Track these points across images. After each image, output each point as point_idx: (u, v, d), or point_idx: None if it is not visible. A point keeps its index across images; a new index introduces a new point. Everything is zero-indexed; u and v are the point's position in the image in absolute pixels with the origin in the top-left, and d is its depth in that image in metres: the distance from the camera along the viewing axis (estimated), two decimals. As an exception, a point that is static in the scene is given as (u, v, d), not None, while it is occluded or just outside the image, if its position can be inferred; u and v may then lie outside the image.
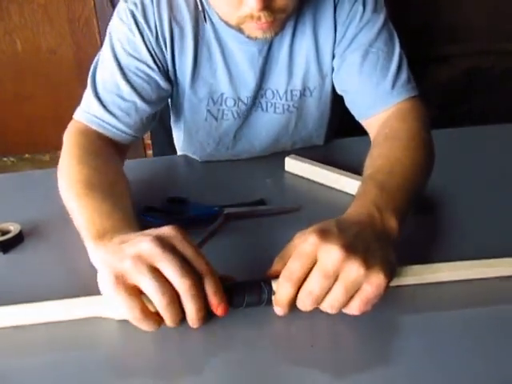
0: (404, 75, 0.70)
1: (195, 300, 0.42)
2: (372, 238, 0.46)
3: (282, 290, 0.44)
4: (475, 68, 1.77)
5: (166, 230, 0.44)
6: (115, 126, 0.67)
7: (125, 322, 0.45)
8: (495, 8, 1.70)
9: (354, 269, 0.42)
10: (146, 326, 0.43)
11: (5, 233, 0.61)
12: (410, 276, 0.49)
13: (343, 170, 0.71)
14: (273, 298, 0.46)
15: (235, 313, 0.46)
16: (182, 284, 0.41)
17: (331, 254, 0.42)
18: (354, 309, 0.44)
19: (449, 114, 1.46)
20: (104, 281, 0.42)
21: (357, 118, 0.73)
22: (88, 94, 0.68)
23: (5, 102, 2.08)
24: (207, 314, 0.44)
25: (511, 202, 0.66)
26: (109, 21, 0.71)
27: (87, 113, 0.67)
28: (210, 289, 0.43)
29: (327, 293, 0.43)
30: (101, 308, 0.46)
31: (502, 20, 1.72)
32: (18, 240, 0.61)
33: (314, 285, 0.43)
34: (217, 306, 0.43)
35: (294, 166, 0.75)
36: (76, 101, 0.69)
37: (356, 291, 0.43)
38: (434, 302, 0.49)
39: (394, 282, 0.48)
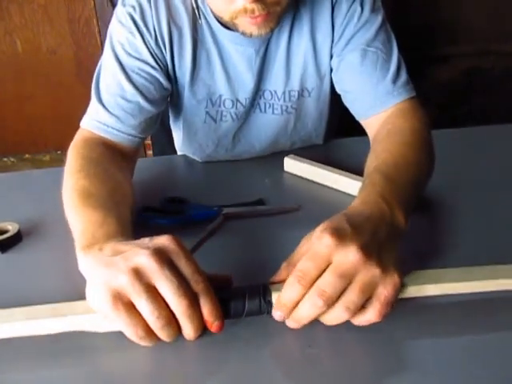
0: (403, 75, 0.70)
1: (191, 320, 0.41)
2: (385, 236, 0.45)
3: (290, 290, 0.42)
4: (475, 68, 1.77)
5: (163, 242, 0.42)
6: (119, 130, 0.67)
7: (115, 335, 0.44)
8: (495, 9, 1.70)
9: (370, 270, 0.41)
10: (145, 343, 0.42)
11: (3, 232, 0.61)
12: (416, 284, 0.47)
13: (343, 170, 0.71)
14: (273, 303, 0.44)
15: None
16: (178, 305, 0.40)
17: (348, 257, 0.41)
18: (372, 314, 0.42)
19: (449, 115, 1.47)
20: (100, 299, 0.41)
21: (356, 117, 0.73)
22: (92, 100, 0.68)
23: (5, 102, 2.08)
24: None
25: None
26: (109, 21, 0.71)
27: (92, 119, 0.67)
28: (205, 307, 0.41)
29: (339, 296, 0.41)
30: (84, 323, 0.44)
31: (502, 20, 1.72)
32: (16, 239, 0.61)
33: (327, 283, 0.40)
34: (211, 324, 0.42)
35: (293, 166, 0.75)
36: (76, 101, 0.70)
37: (370, 295, 0.42)
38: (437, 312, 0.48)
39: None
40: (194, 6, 0.67)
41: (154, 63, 0.68)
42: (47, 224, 0.64)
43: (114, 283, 0.40)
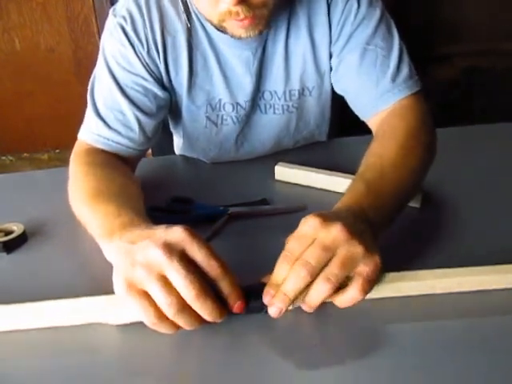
0: (405, 70, 0.69)
1: (204, 306, 0.42)
2: (363, 228, 0.47)
3: (278, 269, 0.44)
4: (476, 67, 1.77)
5: (176, 234, 0.43)
6: (120, 143, 0.67)
7: (125, 327, 0.45)
8: (496, 8, 1.70)
9: (353, 246, 0.43)
10: (163, 330, 0.43)
11: (8, 233, 0.61)
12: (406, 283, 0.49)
13: (343, 170, 0.70)
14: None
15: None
16: (187, 293, 0.41)
17: (332, 232, 0.43)
18: (355, 290, 0.43)
19: (449, 114, 1.47)
20: (117, 285, 0.44)
21: (360, 117, 0.73)
22: (89, 113, 0.68)
23: (3, 100, 2.08)
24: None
25: (511, 201, 0.67)
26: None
27: (91, 132, 0.67)
28: (225, 290, 0.43)
29: (323, 267, 0.43)
30: (98, 314, 0.46)
31: (502, 20, 1.72)
32: (21, 240, 0.61)
33: (309, 255, 0.43)
34: (233, 306, 0.44)
35: (284, 173, 0.73)
36: (75, 99, 0.70)
37: (351, 270, 0.43)
38: (431, 308, 0.49)
39: (390, 291, 0.48)
40: (182, 6, 0.67)
41: (147, 75, 0.68)
42: (52, 224, 0.64)
43: (129, 273, 0.43)
